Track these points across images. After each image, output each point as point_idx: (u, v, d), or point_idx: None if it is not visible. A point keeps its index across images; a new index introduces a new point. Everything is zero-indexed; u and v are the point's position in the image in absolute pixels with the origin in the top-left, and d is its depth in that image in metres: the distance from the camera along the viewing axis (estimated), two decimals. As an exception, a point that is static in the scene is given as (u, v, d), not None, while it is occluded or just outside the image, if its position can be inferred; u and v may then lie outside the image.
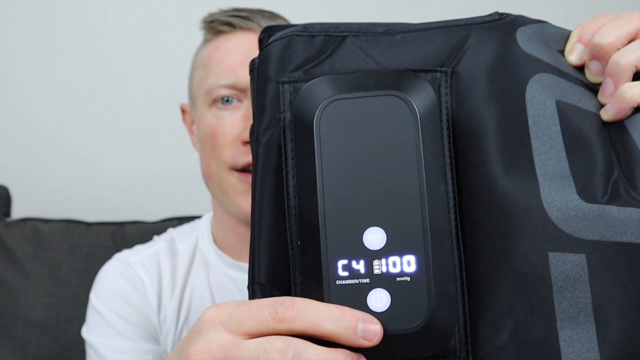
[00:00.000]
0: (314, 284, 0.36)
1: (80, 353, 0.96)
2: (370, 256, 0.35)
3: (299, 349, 0.33)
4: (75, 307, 1.07)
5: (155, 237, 0.97)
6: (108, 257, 0.95)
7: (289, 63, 0.42)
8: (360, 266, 0.35)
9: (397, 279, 0.35)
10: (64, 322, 1.07)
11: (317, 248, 0.36)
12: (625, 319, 0.37)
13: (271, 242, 0.40)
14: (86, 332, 0.88)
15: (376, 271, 0.35)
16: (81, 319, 0.99)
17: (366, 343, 0.34)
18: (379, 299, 0.35)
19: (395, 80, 0.38)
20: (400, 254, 0.35)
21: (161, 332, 0.88)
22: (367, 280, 0.35)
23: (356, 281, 0.35)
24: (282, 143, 0.41)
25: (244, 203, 0.82)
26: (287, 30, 0.44)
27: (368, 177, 0.36)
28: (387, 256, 0.35)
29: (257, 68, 0.43)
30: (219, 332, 0.34)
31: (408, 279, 0.35)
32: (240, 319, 0.34)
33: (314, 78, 0.41)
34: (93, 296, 0.89)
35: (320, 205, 0.36)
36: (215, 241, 0.92)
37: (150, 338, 0.87)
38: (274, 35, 0.44)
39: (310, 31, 0.43)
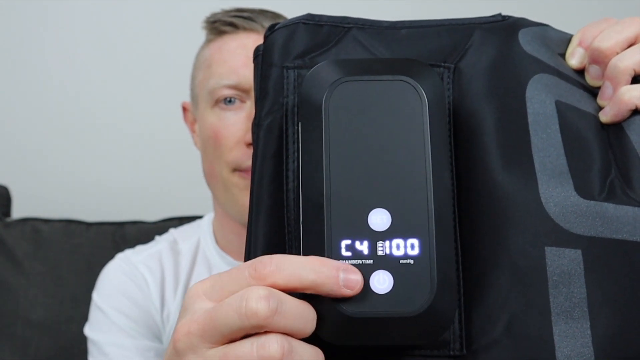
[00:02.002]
0: None
1: (81, 353, 0.96)
2: (375, 237, 0.35)
3: (280, 298, 0.32)
4: (75, 307, 1.07)
5: (157, 237, 0.97)
6: (108, 257, 0.96)
7: (293, 49, 0.43)
8: (363, 247, 0.35)
9: (401, 261, 0.34)
10: (64, 322, 1.07)
11: (321, 228, 0.35)
12: (619, 315, 0.37)
13: (268, 225, 0.40)
14: (89, 330, 0.88)
15: (380, 252, 0.35)
16: (81, 319, 0.99)
17: (348, 292, 0.33)
18: (381, 281, 0.34)
19: (404, 67, 0.38)
20: (405, 236, 0.35)
21: (164, 331, 0.88)
22: (370, 262, 0.35)
23: (359, 262, 0.35)
24: (284, 127, 0.41)
25: (245, 200, 0.82)
26: (293, 19, 0.44)
27: (375, 159, 0.36)
28: (391, 238, 0.35)
29: (261, 54, 0.44)
30: (203, 302, 0.34)
31: (411, 261, 0.34)
32: (222, 285, 0.34)
33: None
34: (95, 295, 0.89)
35: (325, 184, 0.36)
36: (216, 241, 0.93)
37: (152, 336, 0.87)
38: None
39: (316, 20, 0.44)
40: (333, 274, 0.33)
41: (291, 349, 0.32)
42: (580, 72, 0.45)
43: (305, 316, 0.33)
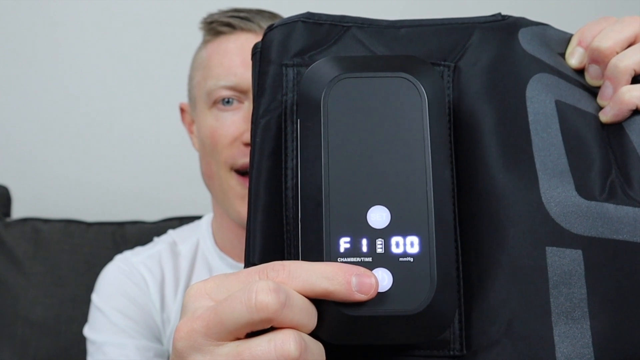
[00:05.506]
0: (314, 261, 0.34)
1: (81, 353, 0.96)
2: (374, 235, 0.34)
3: (288, 292, 0.32)
4: (75, 307, 1.07)
5: (156, 239, 0.97)
6: (108, 257, 0.96)
7: (292, 47, 0.42)
8: (362, 245, 0.34)
9: (400, 259, 0.34)
10: (64, 322, 1.07)
11: (319, 225, 0.35)
12: (619, 316, 0.37)
13: (267, 223, 0.40)
14: (88, 331, 0.88)
15: (379, 250, 0.34)
16: (81, 319, 0.99)
17: (362, 297, 0.33)
18: (381, 279, 0.34)
19: (404, 63, 0.38)
20: (404, 234, 0.34)
21: (164, 333, 0.88)
22: (369, 259, 0.34)
23: (358, 259, 0.34)
24: (283, 125, 0.40)
25: (242, 208, 0.81)
26: (292, 17, 0.43)
27: (374, 156, 0.36)
28: (390, 236, 0.34)
29: (259, 52, 0.43)
30: (206, 301, 0.33)
31: (411, 259, 0.34)
32: (228, 287, 0.33)
33: None
34: (95, 296, 0.89)
35: (324, 181, 0.35)
36: (216, 243, 0.92)
37: (152, 336, 0.87)
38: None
39: (316, 19, 0.43)
40: (346, 280, 0.33)
41: (306, 345, 0.32)
42: (580, 71, 0.44)
43: (310, 311, 0.33)
